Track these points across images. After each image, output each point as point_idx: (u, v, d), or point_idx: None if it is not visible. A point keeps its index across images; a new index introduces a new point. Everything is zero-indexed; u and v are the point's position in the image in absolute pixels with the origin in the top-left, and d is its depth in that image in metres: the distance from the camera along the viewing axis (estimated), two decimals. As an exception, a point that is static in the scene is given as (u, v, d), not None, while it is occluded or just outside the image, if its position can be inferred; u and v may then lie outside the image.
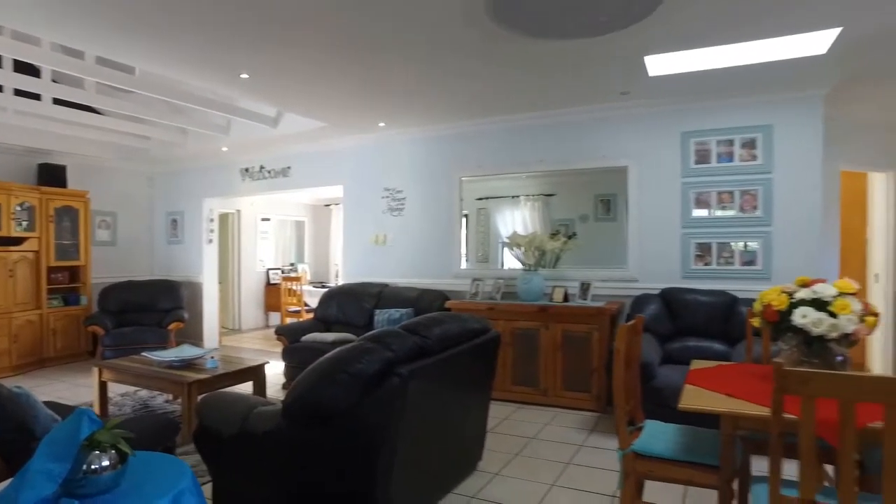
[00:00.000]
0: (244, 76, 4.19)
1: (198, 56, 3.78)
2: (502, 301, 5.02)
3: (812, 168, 4.44)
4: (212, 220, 7.68)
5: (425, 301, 5.34)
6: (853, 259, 5.86)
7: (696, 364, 2.83)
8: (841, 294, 2.20)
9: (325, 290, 6.52)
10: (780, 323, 2.30)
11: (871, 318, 2.17)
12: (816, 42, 3.46)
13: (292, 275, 9.26)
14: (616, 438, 3.63)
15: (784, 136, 4.50)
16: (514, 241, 5.10)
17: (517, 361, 4.80)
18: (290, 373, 5.28)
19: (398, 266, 6.01)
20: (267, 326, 9.61)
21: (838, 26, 3.26)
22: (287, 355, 5.31)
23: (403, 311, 5.34)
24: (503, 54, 3.69)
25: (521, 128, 5.38)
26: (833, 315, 2.15)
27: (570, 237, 5.29)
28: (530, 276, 4.94)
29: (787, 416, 1.68)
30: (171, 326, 6.47)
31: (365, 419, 2.20)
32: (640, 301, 4.61)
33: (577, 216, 5.50)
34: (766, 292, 2.40)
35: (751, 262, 4.60)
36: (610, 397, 4.55)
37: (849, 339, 2.17)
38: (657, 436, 2.52)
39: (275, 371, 5.76)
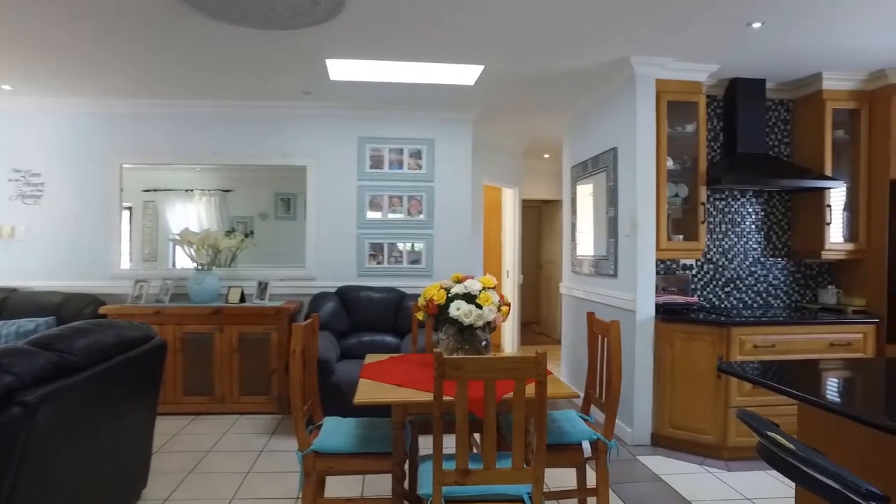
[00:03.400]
0: None
1: None
2: (171, 304, 4.53)
3: (464, 180, 5.20)
4: None
5: (72, 307, 4.45)
6: (492, 258, 7.08)
7: (370, 358, 3.02)
8: (484, 288, 2.61)
9: (-87, 298, 4.89)
10: (439, 315, 2.61)
11: (505, 308, 2.64)
12: (467, 74, 4.06)
13: None
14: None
15: (443, 151, 5.15)
16: (184, 239, 4.64)
17: (189, 369, 4.39)
18: None
19: (35, 266, 4.86)
20: None
21: (480, 64, 3.88)
22: None
23: (41, 320, 4.36)
24: (180, 28, 3.29)
25: (196, 116, 4.94)
26: (479, 306, 2.54)
27: (247, 235, 5.08)
28: (203, 275, 4.58)
29: (446, 398, 1.91)
30: None
31: (-28, 466, 1.70)
32: (319, 299, 4.70)
33: (256, 214, 5.32)
34: (429, 288, 2.69)
35: (416, 261, 5.13)
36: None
37: (490, 326, 2.60)
38: (335, 432, 2.59)
39: None
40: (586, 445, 2.52)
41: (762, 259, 4.40)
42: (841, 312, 4.03)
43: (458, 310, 2.52)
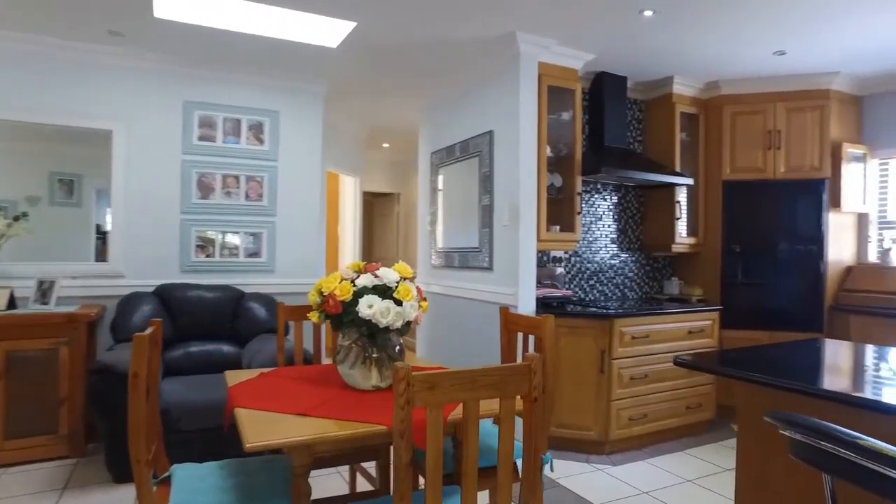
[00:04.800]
0: None
1: None
2: None
3: (313, 161, 4.51)
4: None
5: None
6: (329, 252, 6.42)
7: (233, 377, 2.27)
8: (402, 279, 2.08)
9: None
10: (343, 315, 2.01)
11: (424, 303, 2.13)
12: (332, 33, 3.44)
13: None
14: (111, 489, 2.72)
15: (289, 126, 4.40)
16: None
17: (-78, 408, 3.05)
18: None
19: None
20: None
21: (353, 21, 3.30)
22: None
23: None
24: None
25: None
26: (398, 302, 2.00)
27: (17, 218, 3.79)
28: (-50, 273, 3.25)
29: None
30: None
31: None
32: (131, 301, 3.64)
33: (22, 197, 4.00)
34: (325, 281, 2.07)
35: (255, 254, 4.31)
36: (90, 434, 3.44)
37: (409, 326, 2.08)
38: (195, 487, 1.84)
39: None
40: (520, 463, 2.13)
41: (620, 252, 4.49)
42: (686, 302, 4.26)
43: (371, 307, 1.96)
